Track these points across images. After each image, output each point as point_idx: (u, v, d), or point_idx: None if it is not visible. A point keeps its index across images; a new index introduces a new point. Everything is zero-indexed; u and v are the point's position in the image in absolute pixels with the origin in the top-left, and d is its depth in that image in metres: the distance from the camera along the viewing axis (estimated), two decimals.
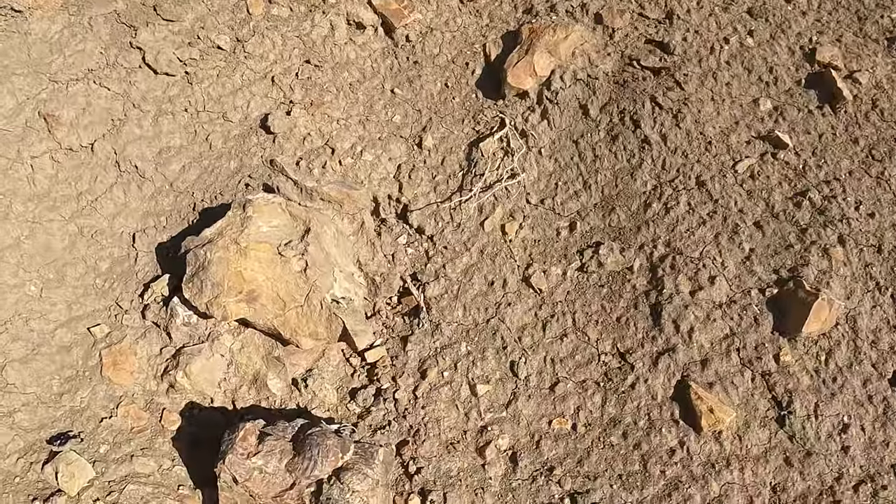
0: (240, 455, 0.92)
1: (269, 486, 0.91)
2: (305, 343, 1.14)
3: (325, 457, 0.95)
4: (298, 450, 0.95)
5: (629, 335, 1.25)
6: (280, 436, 0.98)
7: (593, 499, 1.09)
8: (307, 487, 0.94)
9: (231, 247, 1.13)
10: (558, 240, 1.38)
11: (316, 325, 1.14)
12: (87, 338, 1.19)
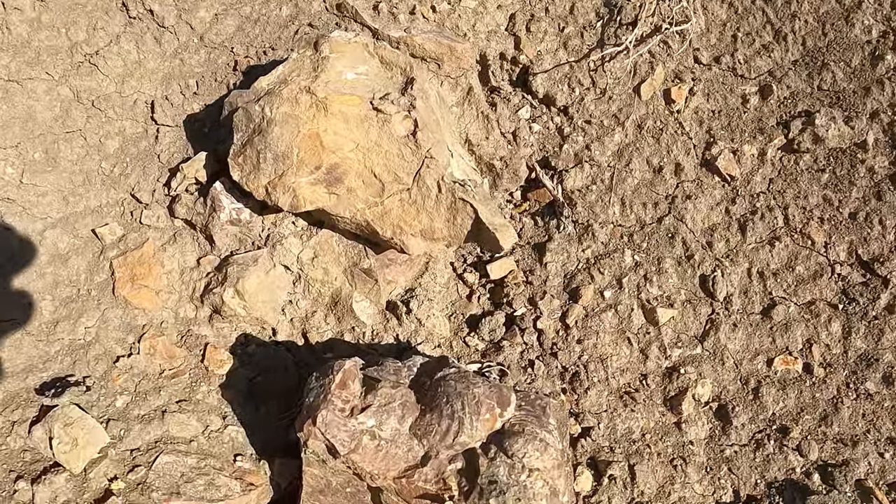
0: (339, 411, 0.56)
1: (389, 459, 0.55)
2: (414, 246, 0.76)
3: (474, 413, 0.59)
4: (427, 403, 0.59)
5: (874, 237, 0.86)
6: (394, 381, 0.61)
7: (856, 473, 0.72)
8: (449, 462, 0.58)
9: (303, 98, 0.74)
10: (747, 109, 0.98)
11: (431, 217, 0.76)
12: (92, 242, 0.83)
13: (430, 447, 0.58)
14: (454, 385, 0.60)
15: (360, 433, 0.56)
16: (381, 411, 0.58)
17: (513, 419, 0.60)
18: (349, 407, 0.57)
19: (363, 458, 0.56)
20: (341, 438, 0.55)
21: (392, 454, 0.57)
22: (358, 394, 0.58)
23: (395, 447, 0.57)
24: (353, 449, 0.55)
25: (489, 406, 0.59)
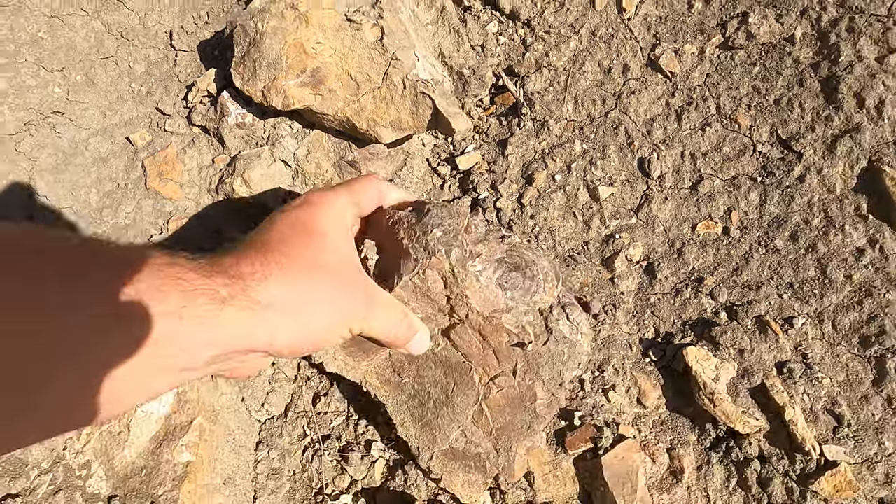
0: (467, 251, 0.63)
1: (483, 300, 0.64)
2: (386, 135, 0.91)
3: (545, 280, 0.68)
4: (513, 264, 0.67)
5: (793, 118, 0.97)
6: (492, 239, 0.69)
7: (757, 311, 0.86)
8: (525, 315, 0.68)
9: (288, 13, 0.89)
10: (691, 14, 1.09)
11: (399, 109, 0.91)
12: (127, 147, 1.00)
13: (512, 299, 0.66)
14: (528, 255, 0.69)
15: (472, 274, 0.62)
16: (487, 261, 0.65)
17: (563, 292, 0.73)
18: (471, 251, 0.62)
19: (468, 299, 0.63)
20: (461, 276, 0.62)
21: (485, 297, 0.64)
22: (475, 240, 0.64)
23: (489, 292, 0.64)
24: (467, 287, 0.62)
25: (552, 277, 0.69)
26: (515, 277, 0.67)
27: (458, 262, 0.60)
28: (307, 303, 0.48)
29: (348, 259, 0.54)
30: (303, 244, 0.50)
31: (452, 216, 0.62)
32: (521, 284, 0.67)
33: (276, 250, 0.48)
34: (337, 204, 0.55)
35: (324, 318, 0.50)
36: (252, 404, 0.86)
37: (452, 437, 0.74)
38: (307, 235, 0.51)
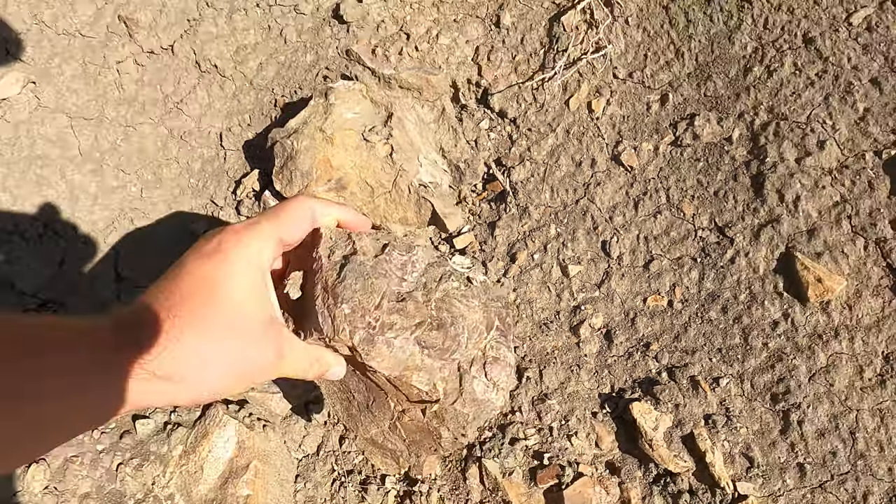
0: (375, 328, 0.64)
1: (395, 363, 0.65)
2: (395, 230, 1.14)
3: (469, 338, 0.69)
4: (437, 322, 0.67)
5: (728, 208, 1.19)
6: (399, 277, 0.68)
7: (692, 372, 1.08)
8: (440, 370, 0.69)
9: (317, 135, 1.12)
10: (649, 114, 1.31)
11: (405, 209, 1.14)
12: (187, 235, 1.24)
13: (430, 356, 0.64)
14: (458, 307, 0.65)
15: (381, 345, 0.61)
16: (402, 328, 0.62)
17: (492, 340, 0.70)
18: (379, 325, 0.61)
19: (379, 364, 0.62)
20: (366, 350, 0.61)
21: (396, 360, 0.62)
22: (386, 310, 0.61)
23: (402, 353, 0.62)
24: (373, 358, 0.61)
25: (480, 332, 0.67)
26: (435, 337, 0.65)
27: (362, 341, 0.60)
28: (210, 371, 0.48)
29: (259, 316, 0.51)
30: (208, 306, 0.49)
31: (366, 291, 0.60)
32: (439, 345, 0.65)
33: (178, 315, 0.47)
34: (252, 246, 0.51)
35: (227, 381, 0.50)
36: (292, 446, 1.09)
37: (373, 432, 0.83)
38: (214, 295, 0.49)
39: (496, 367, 0.72)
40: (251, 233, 0.52)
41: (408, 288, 0.65)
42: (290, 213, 0.56)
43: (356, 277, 0.60)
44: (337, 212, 0.62)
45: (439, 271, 0.69)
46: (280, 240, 0.55)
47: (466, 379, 0.70)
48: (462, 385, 0.70)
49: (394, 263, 0.65)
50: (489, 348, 0.72)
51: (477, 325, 0.69)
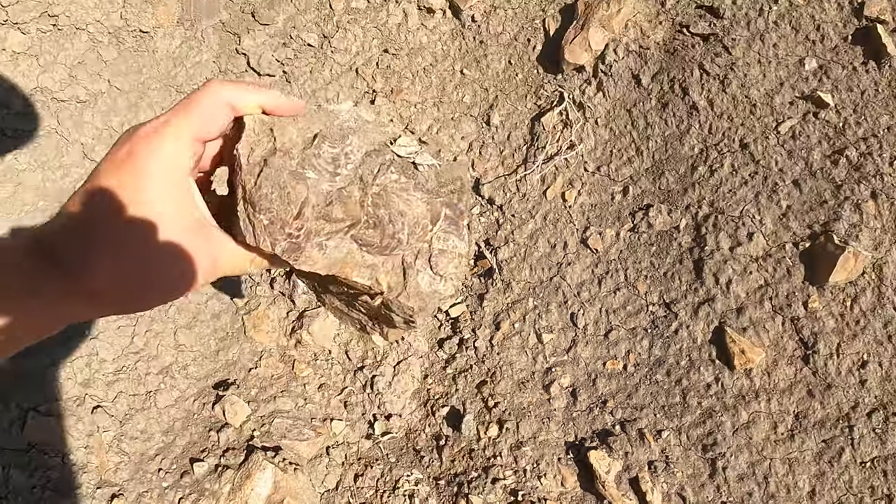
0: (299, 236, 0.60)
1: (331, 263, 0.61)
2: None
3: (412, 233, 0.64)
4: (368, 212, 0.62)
5: (674, 288, 1.44)
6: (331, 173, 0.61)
7: (640, 425, 1.33)
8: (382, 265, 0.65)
9: None
10: (612, 204, 1.56)
11: None
12: (231, 306, 1.51)
13: (369, 253, 0.61)
14: (396, 201, 0.61)
15: (311, 249, 0.57)
16: (333, 232, 0.58)
17: (439, 231, 0.65)
18: (304, 233, 0.56)
19: (311, 266, 0.58)
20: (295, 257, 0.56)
21: (334, 257, 0.59)
22: (311, 217, 0.57)
23: (338, 251, 0.59)
24: (304, 262, 0.57)
25: (424, 226, 0.63)
26: (372, 236, 0.60)
27: (286, 251, 0.56)
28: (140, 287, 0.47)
29: (183, 222, 0.49)
30: (127, 219, 0.46)
31: (283, 201, 0.55)
32: (377, 243, 0.61)
33: (94, 229, 0.46)
34: (165, 149, 0.48)
35: (162, 293, 0.49)
36: (316, 483, 1.36)
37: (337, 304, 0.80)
38: (129, 205, 0.47)
39: (443, 258, 0.66)
40: (161, 135, 0.48)
41: (341, 183, 0.59)
42: (201, 106, 0.50)
43: (272, 186, 0.54)
44: (257, 97, 0.54)
45: (378, 161, 0.61)
46: (194, 137, 0.50)
47: (410, 273, 0.65)
48: (406, 279, 0.65)
49: (324, 157, 0.58)
50: (436, 240, 0.66)
51: (419, 219, 0.63)
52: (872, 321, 1.31)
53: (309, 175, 0.57)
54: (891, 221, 1.35)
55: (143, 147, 0.48)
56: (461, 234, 0.68)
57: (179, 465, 1.31)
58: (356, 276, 0.61)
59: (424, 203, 0.64)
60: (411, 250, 0.64)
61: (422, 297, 0.66)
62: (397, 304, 0.67)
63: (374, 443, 1.42)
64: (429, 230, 0.64)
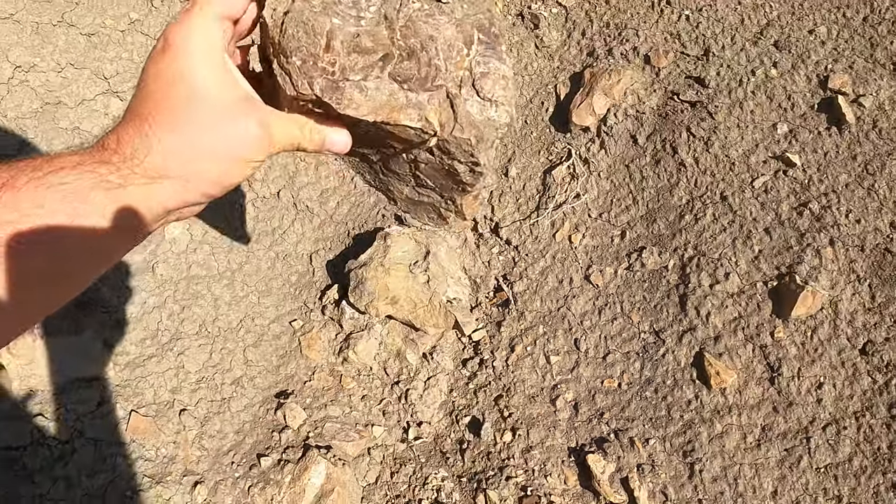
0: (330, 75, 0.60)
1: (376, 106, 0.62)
2: (430, 330, 1.69)
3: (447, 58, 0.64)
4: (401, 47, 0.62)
5: (662, 318, 1.69)
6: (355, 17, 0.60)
7: (631, 434, 1.58)
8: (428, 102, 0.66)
9: (378, 268, 1.69)
10: (612, 245, 1.83)
11: (436, 318, 1.68)
12: (290, 329, 1.80)
13: (411, 89, 0.60)
14: (424, 28, 0.59)
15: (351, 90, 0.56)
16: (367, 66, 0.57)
17: (477, 56, 0.63)
18: (338, 69, 0.56)
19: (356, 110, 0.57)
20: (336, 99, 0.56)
21: (378, 99, 0.58)
22: (341, 52, 0.56)
23: (379, 94, 0.58)
24: (347, 105, 0.57)
25: (458, 49, 0.61)
26: (409, 68, 0.59)
27: (325, 90, 0.55)
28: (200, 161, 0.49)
29: (228, 95, 0.51)
30: (174, 100, 0.49)
31: (310, 35, 0.54)
32: (416, 74, 0.60)
33: (150, 117, 0.49)
34: (196, 30, 0.51)
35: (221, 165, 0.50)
36: (359, 477, 1.63)
37: (406, 191, 0.76)
38: (175, 87, 0.49)
39: (487, 81, 0.65)
40: (191, 18, 0.51)
41: (367, 25, 0.58)
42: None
43: (297, 26, 0.54)
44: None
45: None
46: (222, 14, 0.52)
47: (458, 103, 0.64)
48: (455, 111, 0.64)
49: (344, 4, 0.58)
50: (475, 64, 0.65)
51: (452, 42, 0.62)
52: (829, 349, 1.55)
53: (334, 21, 0.56)
54: (846, 265, 1.60)
55: (174, 34, 0.51)
56: (501, 58, 0.65)
57: (248, 459, 1.59)
58: (405, 119, 0.60)
59: (454, 26, 0.62)
60: (453, 80, 0.63)
61: (476, 126, 0.65)
62: (454, 141, 0.65)
63: (407, 445, 1.69)
64: (465, 55, 0.63)
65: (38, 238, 0.42)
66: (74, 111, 1.85)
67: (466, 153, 0.72)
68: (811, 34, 1.90)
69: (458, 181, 0.79)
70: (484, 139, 0.69)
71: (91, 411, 1.53)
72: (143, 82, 0.52)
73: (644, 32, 2.03)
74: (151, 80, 0.51)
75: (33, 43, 1.85)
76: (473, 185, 0.81)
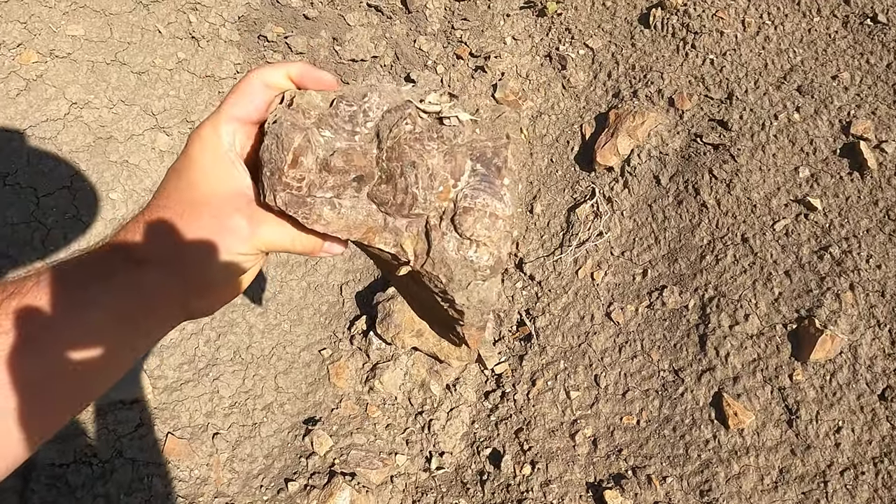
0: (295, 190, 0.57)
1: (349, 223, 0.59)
2: (454, 363, 1.75)
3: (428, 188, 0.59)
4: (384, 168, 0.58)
5: (682, 357, 1.73)
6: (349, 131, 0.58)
7: (648, 471, 1.61)
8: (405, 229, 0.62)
9: (405, 302, 1.76)
10: (633, 284, 1.87)
11: (460, 351, 1.74)
12: (319, 357, 1.88)
13: (388, 215, 0.58)
14: (409, 152, 0.56)
15: (321, 206, 0.55)
16: (339, 185, 0.55)
17: (466, 188, 0.59)
18: (305, 185, 0.54)
19: (326, 227, 0.56)
20: (303, 214, 0.55)
21: (352, 218, 0.57)
22: (313, 168, 0.54)
23: (355, 212, 0.57)
24: (316, 221, 0.55)
25: (443, 179, 0.58)
26: (385, 192, 0.57)
27: (289, 205, 0.54)
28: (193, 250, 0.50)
29: (224, 190, 0.53)
30: (178, 192, 0.52)
31: (279, 149, 0.53)
32: (391, 199, 0.57)
33: (152, 206, 0.52)
34: (207, 130, 0.53)
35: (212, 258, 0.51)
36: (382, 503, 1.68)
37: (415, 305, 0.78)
38: (181, 182, 0.52)
39: (468, 217, 0.60)
40: (207, 121, 0.54)
41: (360, 142, 0.57)
42: (240, 88, 0.55)
43: (272, 137, 0.54)
44: (285, 68, 0.56)
45: (396, 117, 0.57)
46: (234, 117, 0.55)
47: (434, 236, 0.60)
48: (430, 243, 0.60)
49: (340, 116, 0.56)
50: (462, 197, 0.60)
51: (436, 171, 0.58)
52: (847, 393, 1.57)
53: (325, 133, 0.56)
54: (866, 310, 1.62)
55: (192, 135, 0.54)
56: (496, 193, 0.60)
57: (277, 483, 1.66)
58: (379, 243, 0.59)
59: (442, 154, 0.58)
60: (435, 210, 0.59)
61: (447, 265, 0.60)
62: (426, 274, 0.62)
63: (429, 475, 1.74)
64: (451, 186, 0.59)
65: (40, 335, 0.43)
66: (124, 145, 1.96)
67: (439, 289, 0.64)
68: (834, 80, 1.94)
69: (444, 313, 0.69)
70: (455, 279, 0.62)
71: (130, 432, 1.61)
72: (160, 183, 0.55)
73: (669, 75, 2.09)
74: (166, 178, 0.54)
75: (88, 81, 1.98)
76: (461, 323, 0.69)
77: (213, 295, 0.55)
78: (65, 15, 1.96)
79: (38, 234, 1.77)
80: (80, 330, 0.45)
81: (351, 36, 2.22)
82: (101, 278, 0.48)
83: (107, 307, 0.47)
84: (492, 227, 0.60)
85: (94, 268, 0.49)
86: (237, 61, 2.16)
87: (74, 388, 0.45)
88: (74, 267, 0.48)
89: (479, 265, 0.60)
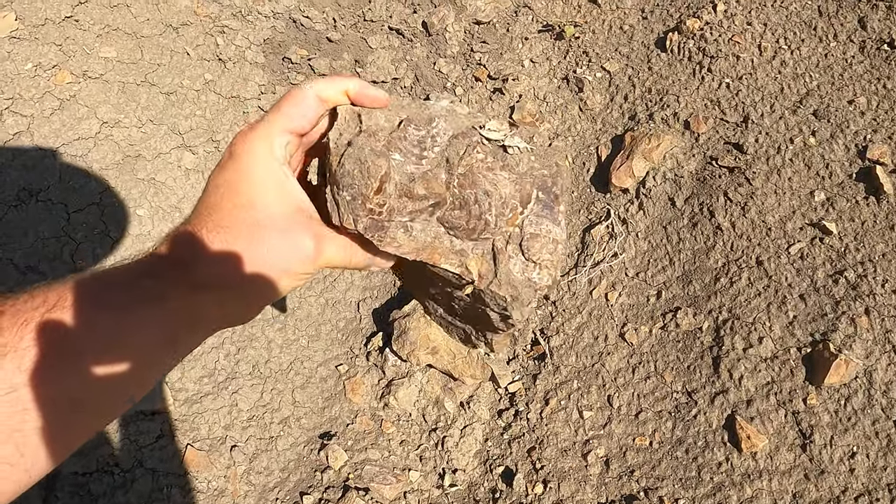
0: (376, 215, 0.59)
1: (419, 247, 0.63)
2: (468, 381, 1.77)
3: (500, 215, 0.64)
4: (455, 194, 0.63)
5: (695, 379, 1.73)
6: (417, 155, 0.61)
7: (661, 493, 1.62)
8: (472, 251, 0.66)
9: (421, 319, 1.78)
10: (647, 305, 1.89)
11: (474, 369, 1.76)
12: (335, 373, 1.91)
13: (457, 237, 0.60)
14: (482, 180, 0.59)
15: (395, 229, 0.57)
16: (416, 210, 0.58)
17: (531, 214, 0.64)
18: (386, 210, 0.57)
19: (397, 249, 0.58)
20: (378, 237, 0.57)
21: (421, 240, 0.59)
22: (393, 194, 0.57)
23: (424, 234, 0.59)
24: (389, 244, 0.57)
25: (513, 206, 0.61)
26: (458, 217, 0.59)
27: (369, 229, 0.56)
28: (247, 271, 0.49)
29: (283, 208, 0.52)
30: (231, 210, 0.50)
31: (364, 176, 0.54)
32: (463, 225, 0.60)
33: (205, 225, 0.49)
34: (259, 142, 0.52)
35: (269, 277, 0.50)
36: None
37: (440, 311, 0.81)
38: (234, 199, 0.50)
39: (535, 243, 0.64)
40: (256, 131, 0.53)
41: (427, 166, 0.58)
42: (291, 100, 0.54)
43: (354, 162, 0.55)
44: (342, 83, 0.56)
45: (464, 143, 0.60)
46: (287, 129, 0.54)
47: (501, 259, 0.63)
48: (497, 266, 0.63)
49: (409, 140, 0.58)
50: (527, 223, 0.64)
51: (507, 200, 0.61)
52: (862, 419, 1.56)
53: (395, 157, 0.57)
54: (881, 334, 1.61)
55: (240, 145, 0.52)
56: (556, 219, 0.65)
57: (292, 497, 1.69)
58: (444, 263, 0.61)
59: (513, 183, 0.61)
60: (501, 235, 0.63)
61: (514, 286, 0.64)
62: (490, 294, 0.65)
63: (442, 492, 1.76)
64: (519, 213, 0.62)
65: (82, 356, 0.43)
66: (152, 163, 2.03)
67: (500, 307, 0.68)
68: (850, 104, 1.94)
69: (488, 323, 0.75)
70: (519, 299, 0.66)
71: (151, 443, 1.65)
72: (205, 191, 0.53)
73: (685, 98, 2.11)
74: (213, 188, 0.52)
75: (119, 101, 2.05)
76: (504, 331, 0.76)
77: (261, 310, 0.55)
78: (98, 37, 2.03)
79: (67, 248, 1.84)
80: (125, 352, 0.44)
81: (372, 58, 2.28)
82: (153, 302, 0.46)
83: (155, 332, 0.46)
84: (554, 251, 0.65)
85: (145, 289, 0.47)
86: (262, 82, 2.22)
87: (109, 405, 0.46)
88: (123, 285, 0.47)
89: (539, 285, 0.65)
